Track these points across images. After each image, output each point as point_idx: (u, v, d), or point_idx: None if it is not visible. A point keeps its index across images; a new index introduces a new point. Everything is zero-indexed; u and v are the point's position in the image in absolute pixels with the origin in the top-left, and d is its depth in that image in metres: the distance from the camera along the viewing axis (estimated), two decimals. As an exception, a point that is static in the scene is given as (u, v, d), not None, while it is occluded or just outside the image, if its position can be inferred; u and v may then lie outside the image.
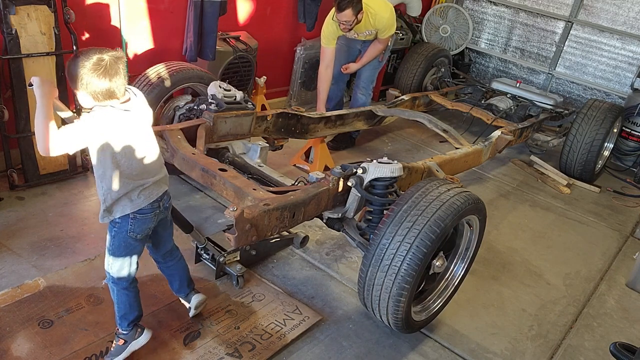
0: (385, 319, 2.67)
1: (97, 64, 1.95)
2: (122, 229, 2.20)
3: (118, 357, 2.37)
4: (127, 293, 2.32)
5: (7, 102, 3.44)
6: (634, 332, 3.34)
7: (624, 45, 6.48)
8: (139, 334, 2.39)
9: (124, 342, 2.36)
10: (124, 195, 2.13)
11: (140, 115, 2.15)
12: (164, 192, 2.27)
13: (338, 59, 4.90)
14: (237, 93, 3.46)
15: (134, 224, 2.19)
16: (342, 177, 2.80)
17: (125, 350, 2.37)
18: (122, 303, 2.33)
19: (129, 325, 2.36)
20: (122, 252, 2.25)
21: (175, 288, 2.66)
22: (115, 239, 2.23)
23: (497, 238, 4.07)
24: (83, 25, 3.82)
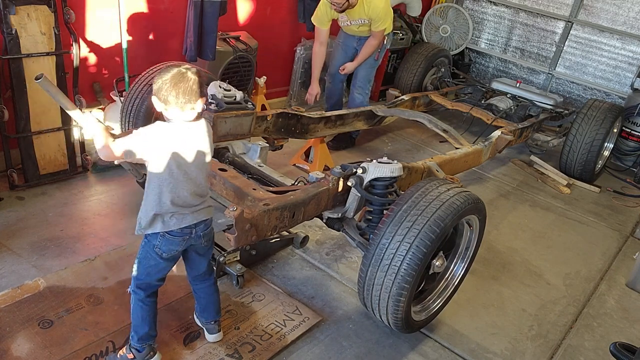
0: (385, 318, 2.67)
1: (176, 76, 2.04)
2: (150, 242, 2.24)
3: None
4: (141, 305, 2.31)
5: (7, 102, 3.44)
6: (634, 332, 3.34)
7: (624, 45, 6.48)
8: (149, 356, 2.36)
9: (133, 357, 2.34)
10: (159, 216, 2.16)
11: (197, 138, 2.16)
12: (202, 221, 2.25)
13: (335, 58, 4.96)
14: (237, 93, 3.46)
15: (162, 241, 2.21)
16: (342, 177, 2.80)
17: None
18: (136, 314, 2.32)
19: (140, 342, 2.33)
20: (145, 263, 2.28)
21: (197, 311, 2.65)
22: (143, 249, 2.28)
23: (497, 238, 4.07)
24: (83, 25, 3.82)
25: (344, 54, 4.93)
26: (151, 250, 2.23)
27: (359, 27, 4.71)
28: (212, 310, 2.58)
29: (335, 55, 5.00)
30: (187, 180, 2.15)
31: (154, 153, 2.09)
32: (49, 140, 3.61)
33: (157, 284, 2.34)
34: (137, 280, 2.30)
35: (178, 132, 2.11)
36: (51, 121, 3.58)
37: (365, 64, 4.86)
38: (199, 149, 2.17)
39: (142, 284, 2.30)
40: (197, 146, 2.16)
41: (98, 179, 3.85)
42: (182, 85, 2.03)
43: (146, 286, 2.30)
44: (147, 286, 2.31)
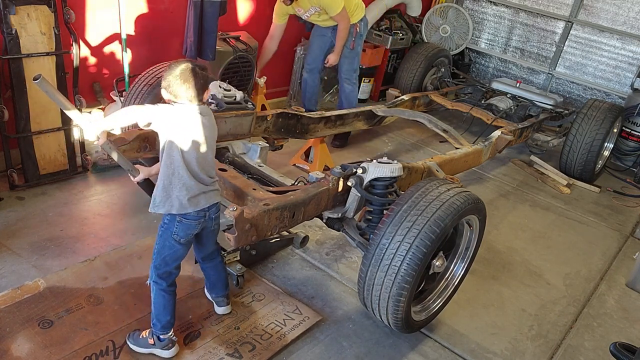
0: (385, 318, 2.67)
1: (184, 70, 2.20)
2: (169, 230, 2.34)
3: (138, 348, 2.46)
4: (163, 295, 2.40)
5: (7, 102, 3.44)
6: (634, 332, 3.34)
7: (624, 45, 6.48)
8: (167, 348, 2.45)
9: (153, 342, 2.44)
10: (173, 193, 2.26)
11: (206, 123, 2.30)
12: (214, 204, 2.39)
13: (312, 50, 5.04)
14: (237, 93, 3.46)
15: (179, 227, 2.32)
16: (342, 177, 2.80)
17: (148, 349, 2.45)
18: (158, 304, 2.41)
19: (163, 330, 2.42)
20: (165, 252, 2.37)
21: (207, 287, 2.82)
22: (161, 237, 2.37)
23: (497, 238, 4.07)
24: (83, 25, 3.82)
25: (319, 46, 5.00)
26: (169, 237, 2.34)
27: (320, 17, 4.72)
28: (221, 286, 2.75)
29: (311, 47, 5.07)
30: (199, 158, 2.27)
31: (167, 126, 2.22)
32: (49, 140, 3.61)
33: (176, 272, 2.44)
34: (157, 270, 2.38)
35: (189, 113, 2.25)
36: (51, 121, 3.58)
37: (343, 57, 4.92)
38: (210, 129, 2.32)
39: (163, 274, 2.39)
40: (207, 126, 2.31)
41: (98, 179, 3.85)
42: (192, 80, 2.19)
43: (167, 275, 2.40)
44: (167, 275, 2.40)
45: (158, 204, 2.28)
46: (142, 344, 2.45)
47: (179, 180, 2.25)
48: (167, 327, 2.43)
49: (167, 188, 2.26)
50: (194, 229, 2.36)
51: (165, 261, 2.37)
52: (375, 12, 6.22)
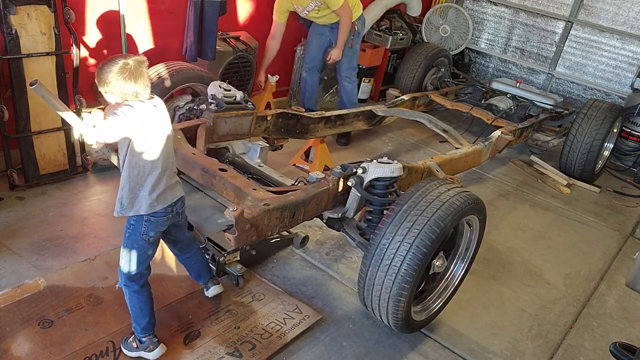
0: (385, 318, 2.67)
1: (123, 67, 2.09)
2: (136, 231, 2.29)
3: (128, 352, 2.45)
4: (137, 297, 2.37)
5: (7, 102, 3.43)
6: (634, 332, 3.34)
7: (624, 45, 6.48)
8: (150, 350, 2.43)
9: (137, 346, 2.43)
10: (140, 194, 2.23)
11: (163, 116, 2.27)
12: (179, 198, 2.37)
13: (310, 49, 5.07)
14: (237, 93, 3.46)
15: (147, 226, 2.29)
16: (342, 177, 2.80)
17: (134, 352, 2.44)
18: (134, 306, 2.38)
19: (143, 332, 2.41)
20: (134, 253, 2.33)
21: (193, 277, 2.83)
22: (129, 240, 2.32)
23: (497, 238, 4.07)
24: (83, 25, 3.82)
25: (318, 44, 5.02)
26: (138, 238, 2.30)
27: (319, 12, 4.72)
28: (205, 271, 2.79)
29: (310, 46, 5.08)
30: (162, 155, 2.23)
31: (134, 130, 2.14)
32: (49, 140, 3.61)
33: (146, 272, 2.41)
34: (128, 274, 2.34)
35: (146, 109, 2.18)
36: (51, 121, 3.57)
37: (343, 55, 4.94)
38: (165, 123, 2.27)
39: (134, 276, 2.35)
40: (163, 120, 2.26)
41: (98, 179, 3.85)
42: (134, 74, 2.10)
43: (138, 277, 2.36)
44: (138, 277, 2.36)
45: (126, 207, 2.23)
46: (129, 348, 2.44)
47: (146, 180, 2.22)
48: (147, 328, 2.41)
49: (133, 189, 2.22)
50: (162, 226, 2.34)
51: (135, 262, 2.33)
52: (375, 12, 6.22)
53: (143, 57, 2.19)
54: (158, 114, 2.23)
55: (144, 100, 2.18)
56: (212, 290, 2.82)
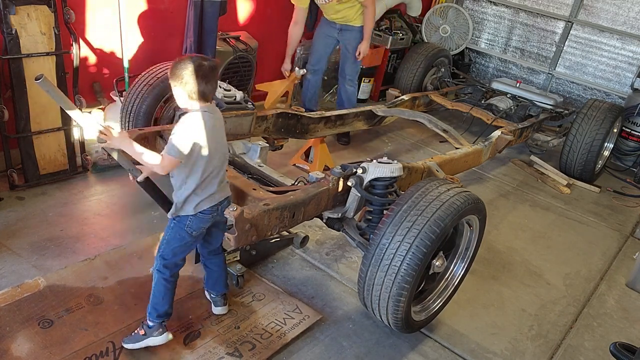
0: (385, 318, 2.67)
1: (199, 67, 2.18)
2: (181, 223, 2.37)
3: (133, 344, 2.47)
4: (165, 284, 2.44)
5: (7, 102, 3.44)
6: (634, 332, 3.34)
7: (624, 45, 6.48)
8: (158, 333, 2.47)
9: (144, 333, 2.47)
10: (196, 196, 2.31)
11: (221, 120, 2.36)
12: (226, 197, 2.44)
13: (316, 50, 5.00)
14: (237, 93, 3.46)
15: (193, 220, 2.37)
16: (342, 177, 2.80)
17: (141, 341, 2.46)
18: (158, 292, 2.45)
19: (157, 319, 2.45)
20: (174, 244, 2.41)
21: (209, 285, 2.80)
22: (172, 230, 2.40)
23: (497, 238, 4.07)
24: (83, 25, 3.82)
25: (324, 46, 4.97)
26: (182, 230, 2.38)
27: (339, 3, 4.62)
28: (222, 283, 2.77)
29: (315, 48, 5.02)
30: (218, 160, 2.33)
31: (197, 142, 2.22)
32: (49, 140, 3.61)
33: (181, 263, 2.48)
34: (163, 260, 2.42)
35: (210, 118, 2.26)
36: (51, 121, 3.58)
37: (349, 60, 4.95)
38: (222, 129, 2.38)
39: (169, 264, 2.43)
40: (221, 127, 2.36)
41: (98, 179, 3.85)
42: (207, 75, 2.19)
43: (173, 266, 2.44)
44: (173, 266, 2.44)
45: (179, 209, 2.34)
46: (134, 339, 2.47)
47: (203, 185, 2.30)
48: (162, 316, 2.46)
49: (190, 192, 2.29)
50: (207, 222, 2.41)
51: (173, 252, 2.41)
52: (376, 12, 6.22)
53: (216, 61, 2.30)
54: (216, 122, 2.31)
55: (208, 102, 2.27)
56: (219, 310, 2.79)
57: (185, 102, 2.25)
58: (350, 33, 4.84)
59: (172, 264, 2.43)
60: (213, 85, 2.25)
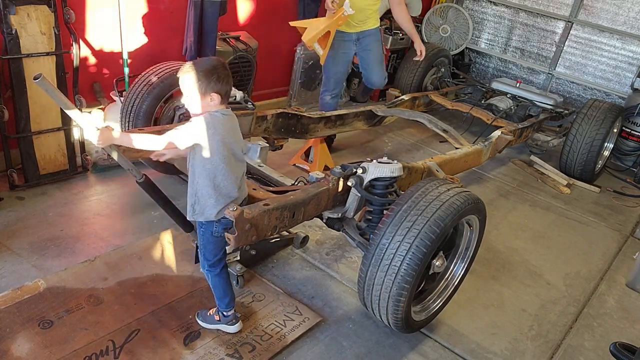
0: (385, 318, 2.67)
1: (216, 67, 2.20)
2: (208, 230, 2.43)
3: (206, 325, 2.66)
4: (219, 279, 2.56)
5: (7, 102, 3.44)
6: (634, 332, 3.34)
7: (624, 45, 6.48)
8: (231, 323, 2.65)
9: (219, 319, 2.64)
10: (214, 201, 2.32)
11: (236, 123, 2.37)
12: (244, 198, 2.49)
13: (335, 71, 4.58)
14: (237, 93, 3.46)
15: (218, 226, 2.41)
16: (342, 177, 2.80)
17: (213, 325, 2.66)
18: (217, 286, 2.58)
19: (227, 307, 2.61)
20: (210, 246, 2.48)
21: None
22: (203, 237, 2.47)
23: (497, 238, 4.07)
24: (83, 25, 3.82)
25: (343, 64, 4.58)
26: (210, 236, 2.44)
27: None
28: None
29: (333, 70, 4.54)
30: (237, 162, 2.35)
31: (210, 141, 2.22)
32: (49, 140, 3.61)
33: (224, 257, 2.57)
34: (208, 261, 2.51)
35: (227, 120, 2.28)
36: (51, 121, 3.58)
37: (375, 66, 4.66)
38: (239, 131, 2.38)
39: (214, 262, 2.52)
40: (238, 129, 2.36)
41: (98, 179, 3.85)
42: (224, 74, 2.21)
43: (218, 262, 2.53)
44: (218, 262, 2.53)
45: (198, 213, 2.35)
46: (209, 321, 2.64)
47: (223, 189, 2.31)
48: (230, 303, 2.60)
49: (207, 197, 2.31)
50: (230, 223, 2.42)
51: (213, 253, 2.49)
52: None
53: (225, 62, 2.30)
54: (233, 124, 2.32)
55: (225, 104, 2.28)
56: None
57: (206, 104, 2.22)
58: (369, 37, 4.52)
59: (216, 261, 2.52)
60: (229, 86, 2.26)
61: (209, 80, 2.16)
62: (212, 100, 2.21)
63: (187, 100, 2.26)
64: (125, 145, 2.32)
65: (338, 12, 4.05)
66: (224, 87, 2.22)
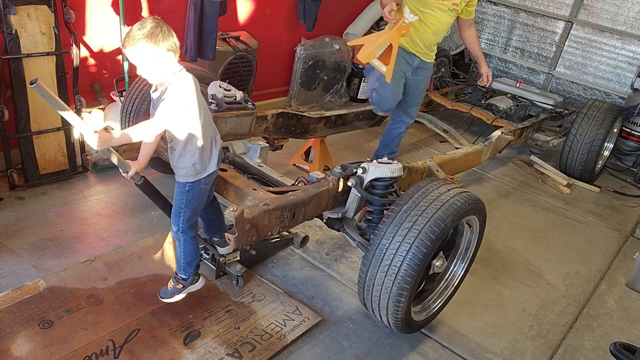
0: (385, 319, 2.67)
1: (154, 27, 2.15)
2: (196, 185, 2.46)
3: (173, 297, 2.66)
4: (193, 241, 2.58)
5: (7, 102, 3.44)
6: (634, 332, 3.34)
7: (624, 45, 6.48)
8: (196, 280, 2.69)
9: (182, 286, 2.65)
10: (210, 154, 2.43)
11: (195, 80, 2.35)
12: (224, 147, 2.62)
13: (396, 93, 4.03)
14: (237, 93, 3.46)
15: (206, 178, 2.47)
16: (342, 177, 2.80)
17: (182, 292, 2.66)
18: (190, 251, 2.59)
19: (195, 270, 2.65)
20: (194, 203, 2.50)
21: (212, 230, 2.92)
22: (189, 193, 2.47)
23: (497, 238, 4.07)
24: (83, 25, 3.82)
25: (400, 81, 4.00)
26: (197, 189, 2.47)
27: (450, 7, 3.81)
28: (223, 222, 2.88)
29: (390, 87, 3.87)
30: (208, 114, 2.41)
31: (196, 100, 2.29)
32: (49, 140, 3.61)
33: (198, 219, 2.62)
34: (188, 221, 2.52)
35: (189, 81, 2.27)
36: (51, 121, 3.58)
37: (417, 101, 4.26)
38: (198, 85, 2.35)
39: (193, 223, 2.55)
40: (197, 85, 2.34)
41: (98, 179, 3.85)
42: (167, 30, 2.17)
43: (195, 224, 2.57)
44: (195, 224, 2.57)
45: (200, 171, 2.42)
46: (174, 292, 2.64)
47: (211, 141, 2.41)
48: (197, 267, 2.66)
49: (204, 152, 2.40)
50: (215, 174, 2.53)
51: (195, 211, 2.51)
52: (375, 12, 6.22)
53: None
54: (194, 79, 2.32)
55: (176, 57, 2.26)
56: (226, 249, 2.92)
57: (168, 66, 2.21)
58: (427, 71, 4.16)
59: (195, 222, 2.54)
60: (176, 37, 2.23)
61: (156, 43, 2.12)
62: (168, 60, 2.19)
63: (143, 71, 2.22)
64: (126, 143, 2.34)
65: (398, 20, 3.52)
66: (171, 41, 2.17)
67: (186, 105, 2.26)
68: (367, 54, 3.45)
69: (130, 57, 2.18)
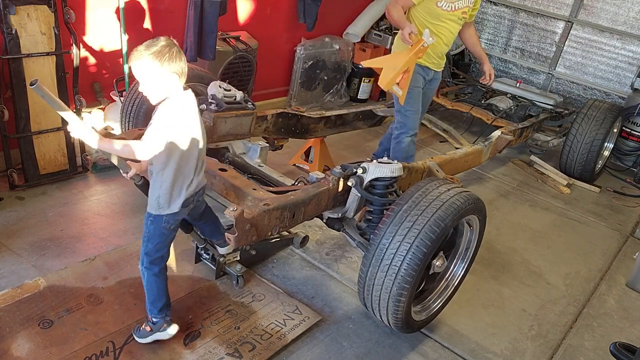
0: (385, 318, 2.67)
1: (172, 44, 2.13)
2: (158, 220, 2.32)
3: (142, 340, 2.50)
4: (156, 279, 2.42)
5: (7, 102, 3.44)
6: (634, 332, 3.34)
7: (624, 45, 6.47)
8: (164, 328, 2.50)
9: (150, 329, 2.49)
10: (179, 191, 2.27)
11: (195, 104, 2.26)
12: (202, 186, 2.41)
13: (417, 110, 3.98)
14: (237, 93, 3.46)
15: (170, 217, 2.32)
16: (342, 177, 2.80)
17: (149, 337, 2.49)
18: (152, 289, 2.43)
19: (159, 314, 2.46)
20: (156, 240, 2.36)
21: (208, 234, 2.83)
22: (151, 227, 2.35)
23: (497, 238, 4.07)
24: (83, 25, 3.82)
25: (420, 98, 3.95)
26: (159, 226, 2.33)
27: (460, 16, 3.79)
28: (220, 226, 2.77)
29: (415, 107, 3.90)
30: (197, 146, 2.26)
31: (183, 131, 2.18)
32: (49, 140, 3.61)
33: (167, 255, 2.46)
34: (149, 257, 2.38)
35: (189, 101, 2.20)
36: (51, 121, 3.58)
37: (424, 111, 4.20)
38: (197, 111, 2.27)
39: (156, 259, 2.39)
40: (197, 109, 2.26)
41: (98, 179, 3.85)
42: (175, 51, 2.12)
43: (159, 260, 2.41)
44: (160, 260, 2.41)
45: (163, 206, 2.27)
46: (143, 335, 2.49)
47: (186, 178, 2.27)
48: (163, 309, 2.47)
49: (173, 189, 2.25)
50: (183, 214, 2.38)
51: (156, 248, 2.37)
52: (375, 12, 6.22)
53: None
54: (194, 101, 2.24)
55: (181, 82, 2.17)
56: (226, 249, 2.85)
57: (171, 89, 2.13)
58: (437, 81, 4.11)
59: (158, 258, 2.40)
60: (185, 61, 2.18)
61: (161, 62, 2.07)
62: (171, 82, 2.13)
63: (144, 88, 2.15)
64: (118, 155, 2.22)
65: (417, 43, 3.44)
66: (179, 65, 2.11)
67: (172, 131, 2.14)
68: (389, 81, 3.38)
69: (135, 71, 2.14)
